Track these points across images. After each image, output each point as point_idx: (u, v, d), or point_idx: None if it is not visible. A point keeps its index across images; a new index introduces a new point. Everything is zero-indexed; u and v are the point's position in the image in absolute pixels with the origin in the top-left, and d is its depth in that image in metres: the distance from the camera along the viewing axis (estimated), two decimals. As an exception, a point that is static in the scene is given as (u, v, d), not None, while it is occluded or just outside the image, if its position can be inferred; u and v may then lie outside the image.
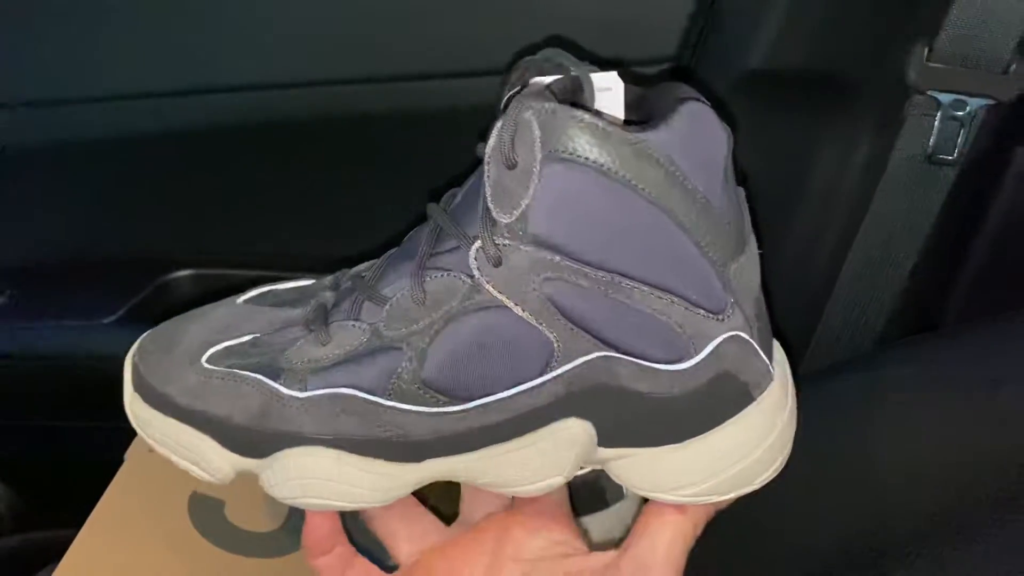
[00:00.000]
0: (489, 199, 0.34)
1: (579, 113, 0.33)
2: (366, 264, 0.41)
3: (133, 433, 0.55)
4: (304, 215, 0.76)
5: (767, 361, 0.39)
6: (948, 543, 0.44)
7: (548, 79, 0.36)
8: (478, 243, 0.34)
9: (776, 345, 0.41)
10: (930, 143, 0.56)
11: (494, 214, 0.34)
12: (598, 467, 0.43)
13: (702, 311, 0.36)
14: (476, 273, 0.35)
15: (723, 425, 0.38)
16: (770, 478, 0.40)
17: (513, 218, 0.34)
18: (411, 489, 0.39)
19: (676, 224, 0.34)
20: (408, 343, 0.36)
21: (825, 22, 0.58)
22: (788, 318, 0.67)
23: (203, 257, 0.77)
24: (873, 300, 0.63)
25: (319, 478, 0.38)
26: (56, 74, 0.69)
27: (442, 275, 0.36)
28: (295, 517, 0.53)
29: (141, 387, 0.40)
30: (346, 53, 0.66)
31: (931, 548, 0.44)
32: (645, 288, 0.35)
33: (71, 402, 0.77)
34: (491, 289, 0.35)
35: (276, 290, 0.42)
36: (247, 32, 0.66)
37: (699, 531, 0.41)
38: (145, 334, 0.42)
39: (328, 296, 0.39)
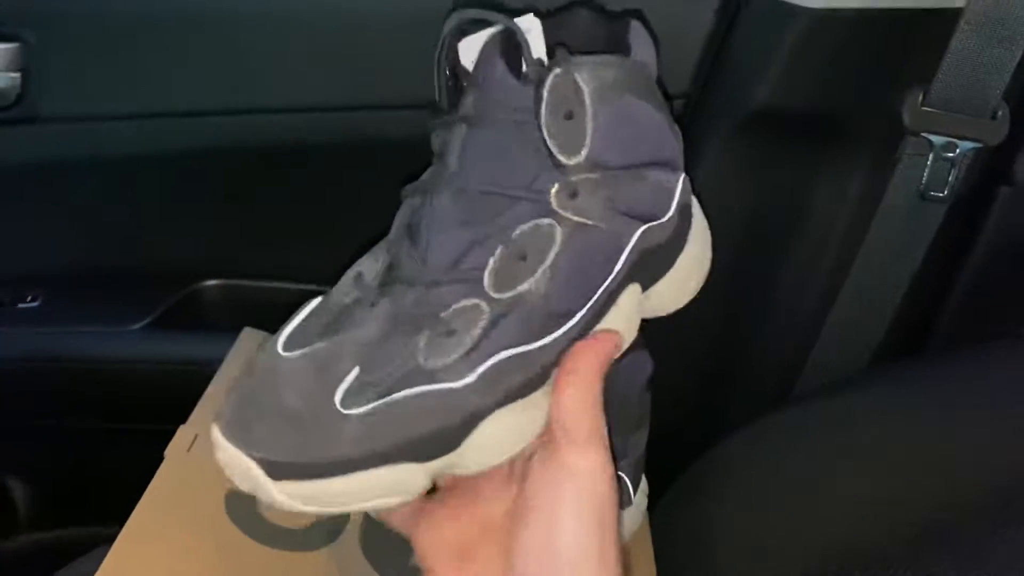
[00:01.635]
0: (555, 149, 0.39)
1: (604, 59, 0.40)
2: (372, 267, 0.42)
3: (156, 435, 0.58)
4: (329, 231, 0.78)
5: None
6: (924, 562, 0.46)
7: (484, 34, 0.41)
8: (555, 186, 0.40)
9: None
10: (923, 181, 0.60)
11: (562, 160, 0.40)
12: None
13: (678, 171, 0.45)
14: (559, 210, 0.40)
15: (688, 239, 0.46)
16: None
17: (581, 158, 0.40)
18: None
19: (663, 113, 0.43)
20: (531, 291, 0.40)
21: (826, 66, 0.62)
22: (786, 339, 0.71)
23: (231, 268, 0.80)
24: (865, 325, 0.67)
25: (506, 433, 0.40)
26: (95, 91, 0.72)
27: (522, 228, 0.40)
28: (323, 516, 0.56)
29: (289, 472, 0.37)
30: (386, 77, 0.70)
31: (909, 566, 0.47)
32: (657, 168, 0.43)
33: (97, 404, 0.80)
34: (574, 217, 0.40)
35: (297, 331, 0.41)
36: (278, 57, 0.70)
37: (601, 377, 0.42)
38: (222, 439, 0.39)
39: (387, 306, 0.40)
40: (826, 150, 0.66)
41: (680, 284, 0.47)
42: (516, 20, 0.40)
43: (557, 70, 0.39)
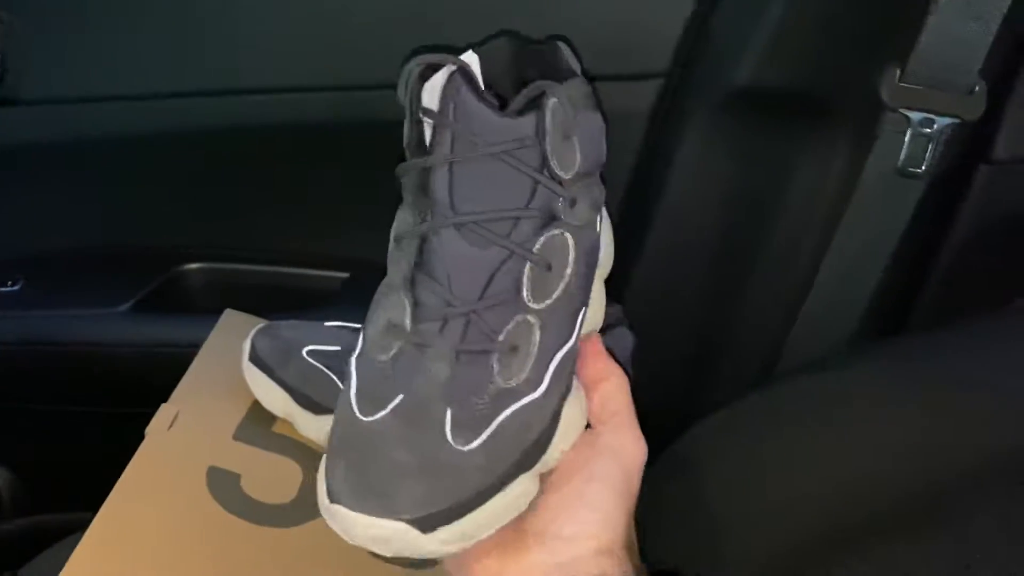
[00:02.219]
0: (556, 167, 0.43)
1: (576, 81, 0.44)
2: (399, 314, 0.43)
3: (141, 418, 0.58)
4: (312, 214, 0.79)
5: None
6: (901, 538, 0.48)
7: (441, 75, 0.44)
8: (560, 199, 0.43)
9: None
10: (901, 157, 0.60)
11: (562, 175, 0.43)
12: None
13: None
14: (566, 219, 0.43)
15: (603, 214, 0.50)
16: None
17: (575, 170, 0.43)
18: None
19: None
20: (563, 294, 0.43)
21: (807, 44, 0.62)
22: (768, 317, 0.71)
23: (212, 251, 0.80)
24: (846, 303, 0.67)
25: (573, 419, 0.44)
26: (75, 73, 0.72)
27: (541, 242, 0.43)
28: (307, 490, 0.57)
29: (438, 520, 0.39)
30: (359, 58, 0.70)
31: (883, 542, 0.48)
32: (601, 168, 0.47)
33: (80, 388, 0.80)
34: (575, 222, 0.44)
35: (361, 395, 0.42)
36: (261, 36, 0.70)
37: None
38: (358, 515, 0.39)
39: (441, 346, 0.42)
40: (808, 128, 0.66)
41: (608, 254, 0.51)
42: (465, 59, 0.43)
43: (554, 98, 0.42)
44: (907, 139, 0.60)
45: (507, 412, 0.41)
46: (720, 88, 0.66)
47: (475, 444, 0.40)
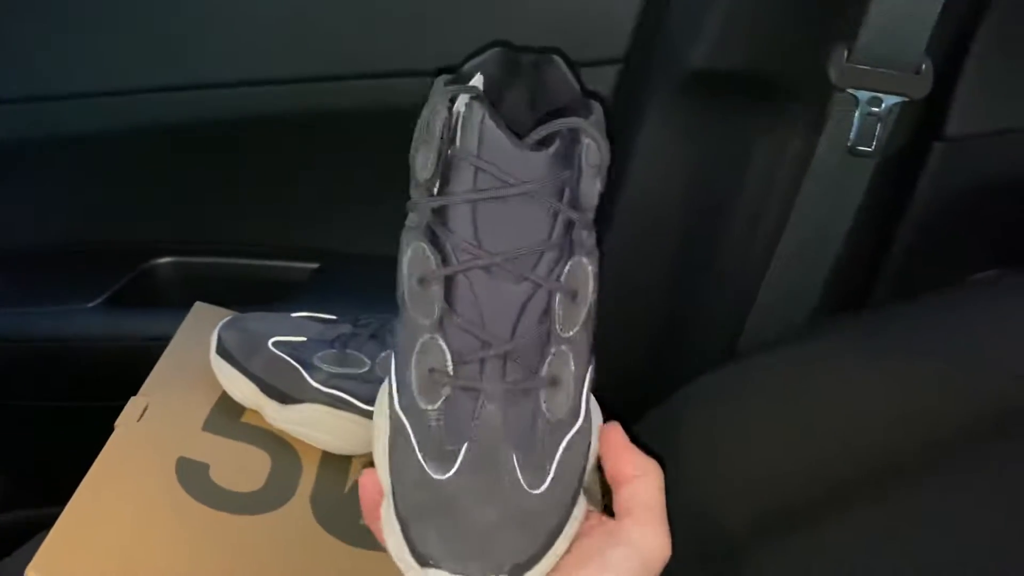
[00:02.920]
0: (583, 201, 0.44)
1: (597, 118, 0.45)
2: (439, 359, 0.43)
3: (114, 411, 0.59)
4: (283, 207, 0.80)
5: None
6: (863, 508, 0.49)
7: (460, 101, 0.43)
8: (583, 230, 0.44)
9: None
10: (851, 137, 0.61)
11: (585, 205, 0.44)
12: None
13: None
14: (583, 244, 0.44)
15: None
16: None
17: (596, 200, 0.44)
18: None
19: None
20: (587, 318, 0.45)
21: (759, 26, 0.63)
22: (728, 296, 0.72)
23: (183, 245, 0.81)
24: (804, 281, 0.68)
25: (596, 431, 0.46)
26: (45, 70, 0.72)
27: (566, 272, 0.43)
28: (274, 478, 0.58)
29: (530, 563, 0.41)
30: (334, 49, 0.71)
31: (846, 514, 0.49)
32: None
33: (54, 384, 0.80)
34: (590, 245, 0.45)
35: (427, 449, 0.43)
36: (232, 29, 0.70)
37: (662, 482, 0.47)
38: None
39: (489, 388, 0.43)
40: (764, 109, 0.67)
41: None
42: (472, 84, 0.43)
43: (588, 139, 0.43)
44: (856, 119, 0.60)
45: (563, 446, 0.43)
46: (677, 72, 0.66)
47: (546, 484, 0.42)
